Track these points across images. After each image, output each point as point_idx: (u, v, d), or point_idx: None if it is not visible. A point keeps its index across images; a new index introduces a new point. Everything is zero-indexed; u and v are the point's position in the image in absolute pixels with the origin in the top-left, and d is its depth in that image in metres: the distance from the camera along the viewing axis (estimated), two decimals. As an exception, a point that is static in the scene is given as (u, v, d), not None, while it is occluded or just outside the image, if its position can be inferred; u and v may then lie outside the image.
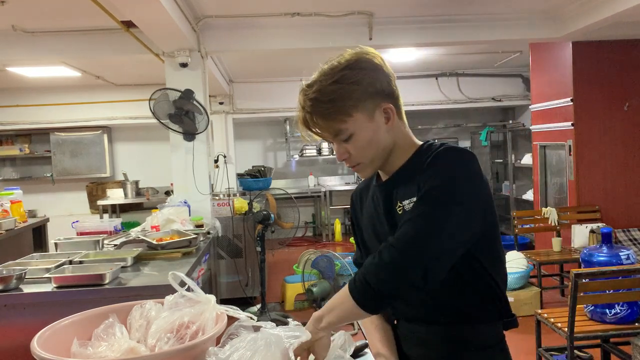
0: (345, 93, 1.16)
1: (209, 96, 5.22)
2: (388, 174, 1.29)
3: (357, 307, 1.13)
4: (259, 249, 4.46)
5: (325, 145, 8.84)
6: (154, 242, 3.17)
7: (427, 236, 1.09)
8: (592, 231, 4.79)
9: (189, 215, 4.21)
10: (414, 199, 1.17)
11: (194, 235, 3.31)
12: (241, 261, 5.02)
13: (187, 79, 4.60)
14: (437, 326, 1.24)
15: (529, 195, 6.82)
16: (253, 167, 7.18)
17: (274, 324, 1.22)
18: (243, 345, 1.11)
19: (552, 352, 3.29)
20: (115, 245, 3.41)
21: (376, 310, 1.17)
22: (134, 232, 3.72)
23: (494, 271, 1.22)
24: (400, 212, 1.22)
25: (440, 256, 1.10)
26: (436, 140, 1.28)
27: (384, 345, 1.33)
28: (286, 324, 1.25)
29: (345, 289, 1.17)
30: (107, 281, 2.49)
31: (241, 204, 5.01)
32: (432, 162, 1.17)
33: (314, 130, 1.21)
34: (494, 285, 1.22)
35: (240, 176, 7.14)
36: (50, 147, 7.92)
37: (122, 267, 2.73)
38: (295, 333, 1.15)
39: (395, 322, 1.39)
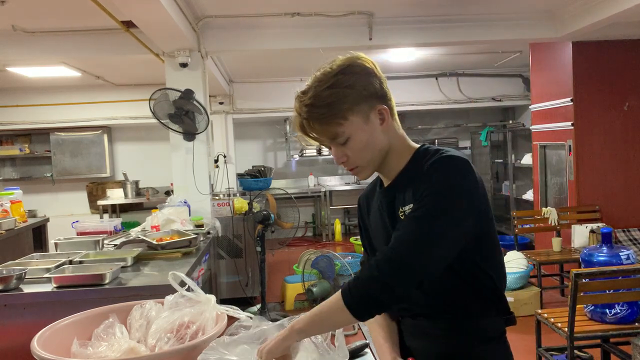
0: (340, 97, 1.19)
1: (209, 96, 5.23)
2: (389, 179, 1.31)
3: (351, 316, 1.16)
4: (259, 249, 4.46)
5: (325, 145, 8.84)
6: (154, 242, 3.17)
7: (415, 251, 1.13)
8: (592, 231, 4.79)
9: (189, 215, 4.21)
10: (411, 205, 1.22)
11: (194, 235, 3.31)
12: (241, 261, 5.02)
13: (187, 79, 4.60)
14: (439, 321, 1.27)
15: (529, 195, 6.83)
16: (253, 167, 7.17)
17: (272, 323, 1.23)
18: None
19: (552, 352, 3.29)
20: (115, 245, 3.41)
21: (370, 317, 1.20)
22: (134, 232, 3.72)
23: (490, 269, 1.26)
24: (402, 218, 1.24)
25: (429, 268, 1.15)
26: (431, 144, 1.31)
27: (386, 340, 1.36)
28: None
29: (333, 301, 1.18)
30: (107, 281, 2.48)
31: (241, 204, 5.01)
32: (428, 170, 1.19)
33: (311, 135, 1.23)
34: (490, 283, 1.26)
35: (240, 176, 7.14)
36: (50, 147, 7.92)
37: (122, 267, 2.73)
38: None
39: (400, 318, 1.42)
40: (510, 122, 8.57)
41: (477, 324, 1.26)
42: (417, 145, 1.31)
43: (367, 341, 1.68)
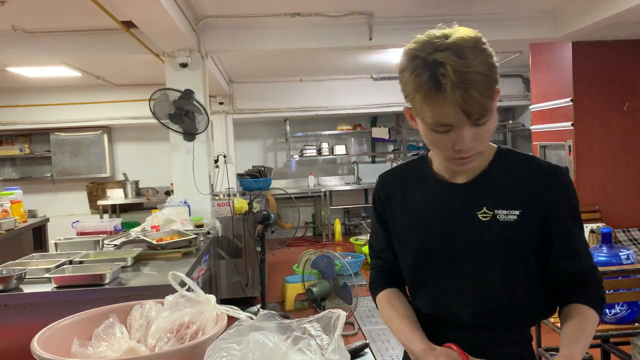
0: (497, 69, 1.09)
1: (209, 96, 5.23)
2: (466, 175, 1.23)
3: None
4: (259, 249, 4.46)
5: (325, 145, 8.85)
6: (154, 242, 3.17)
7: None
8: (592, 231, 4.79)
9: (189, 215, 4.21)
10: (516, 212, 1.18)
11: (194, 235, 3.31)
12: (241, 261, 5.02)
13: (187, 79, 4.60)
14: (499, 331, 1.25)
15: (529, 195, 6.81)
16: (253, 167, 7.18)
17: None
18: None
19: (552, 352, 3.29)
20: (115, 245, 3.41)
21: None
22: (134, 232, 3.72)
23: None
24: (485, 219, 1.19)
25: None
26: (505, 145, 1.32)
27: (413, 329, 1.24)
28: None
29: (593, 317, 1.19)
30: (107, 281, 2.49)
31: (241, 204, 5.01)
32: (561, 186, 1.21)
33: (463, 108, 1.04)
34: (543, 289, 1.27)
35: (240, 176, 7.14)
36: (50, 147, 7.92)
37: (122, 267, 2.73)
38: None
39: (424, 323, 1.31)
40: (510, 122, 8.57)
41: (529, 329, 1.29)
42: (494, 145, 1.26)
43: (367, 341, 1.68)
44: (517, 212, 1.18)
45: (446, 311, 1.25)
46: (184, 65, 4.61)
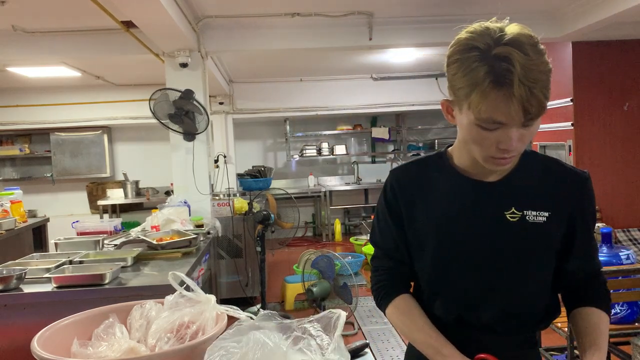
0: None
1: (209, 96, 5.23)
2: (494, 175, 1.19)
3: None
4: (259, 249, 4.46)
5: (325, 145, 8.85)
6: (154, 242, 3.17)
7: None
8: (592, 231, 4.79)
9: (189, 215, 4.21)
10: (545, 213, 1.18)
11: (194, 235, 3.31)
12: (241, 261, 5.02)
13: (187, 79, 4.60)
14: (512, 336, 1.24)
15: (529, 195, 6.82)
16: (253, 167, 7.18)
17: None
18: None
19: (552, 352, 3.29)
20: (115, 245, 3.41)
21: None
22: (134, 232, 3.72)
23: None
24: (513, 220, 1.17)
25: None
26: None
27: (443, 342, 1.19)
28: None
29: (605, 319, 1.22)
30: (107, 281, 2.48)
31: (241, 204, 5.01)
32: (586, 191, 1.26)
33: (524, 106, 1.00)
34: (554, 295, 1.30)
35: (240, 176, 7.15)
36: (50, 147, 7.92)
37: (122, 267, 2.73)
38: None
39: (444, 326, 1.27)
40: (510, 122, 8.56)
41: (538, 333, 1.31)
42: None
43: (367, 341, 1.68)
44: (547, 214, 1.18)
45: (467, 314, 1.21)
46: (184, 65, 4.61)
